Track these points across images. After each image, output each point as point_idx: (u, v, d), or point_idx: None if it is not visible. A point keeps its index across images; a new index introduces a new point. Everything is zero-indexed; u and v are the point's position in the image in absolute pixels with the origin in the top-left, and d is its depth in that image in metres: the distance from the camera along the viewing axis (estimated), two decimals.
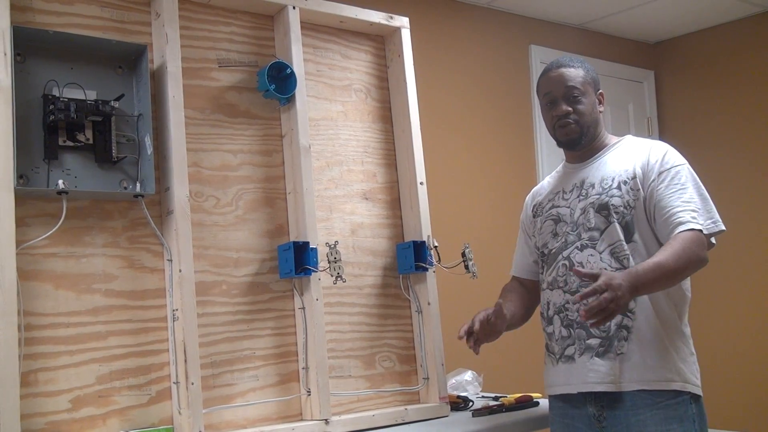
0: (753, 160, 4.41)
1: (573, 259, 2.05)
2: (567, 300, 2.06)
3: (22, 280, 1.84)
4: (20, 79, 1.89)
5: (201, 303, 2.08)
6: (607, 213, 2.02)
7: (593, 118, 2.13)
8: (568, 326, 2.06)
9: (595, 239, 2.02)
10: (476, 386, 2.76)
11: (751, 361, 4.31)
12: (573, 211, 2.09)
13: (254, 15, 2.35)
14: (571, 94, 2.11)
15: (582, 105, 2.11)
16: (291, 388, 2.22)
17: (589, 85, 2.13)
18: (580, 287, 2.01)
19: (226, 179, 2.22)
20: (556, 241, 2.11)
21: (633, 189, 2.01)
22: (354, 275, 2.39)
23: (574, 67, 2.14)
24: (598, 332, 1.99)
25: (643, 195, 2.00)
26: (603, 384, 1.98)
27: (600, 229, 2.02)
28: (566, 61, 2.16)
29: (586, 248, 2.04)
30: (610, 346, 1.98)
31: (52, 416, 1.85)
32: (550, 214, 2.17)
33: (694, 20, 4.46)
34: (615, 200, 2.01)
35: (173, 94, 2.05)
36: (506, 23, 4.10)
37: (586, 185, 2.10)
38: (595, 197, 2.05)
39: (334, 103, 2.47)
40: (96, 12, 2.06)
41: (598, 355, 1.99)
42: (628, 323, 1.97)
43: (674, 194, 1.97)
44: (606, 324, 1.93)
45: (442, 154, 3.67)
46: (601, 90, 2.17)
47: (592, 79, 2.15)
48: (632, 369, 1.95)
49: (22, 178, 1.86)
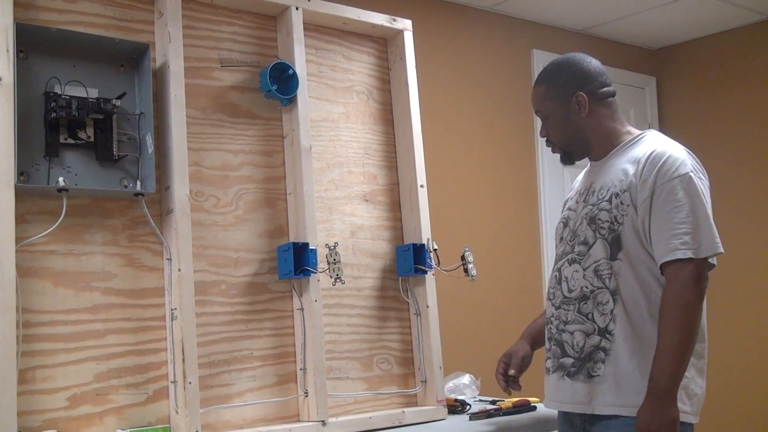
0: (755, 167, 4.41)
1: (562, 273, 2.00)
2: (552, 313, 2.02)
3: (22, 277, 1.84)
4: (22, 76, 1.89)
5: (200, 302, 2.08)
6: (595, 227, 1.93)
7: (572, 132, 2.01)
8: (549, 339, 2.03)
9: (582, 254, 1.95)
10: (474, 390, 2.76)
11: (758, 369, 4.30)
12: (576, 218, 2.01)
13: (257, 15, 2.35)
14: (540, 117, 2.05)
15: (551, 126, 2.03)
16: (289, 388, 2.22)
17: (553, 100, 2.01)
18: (562, 305, 1.97)
19: (226, 179, 2.22)
20: (559, 247, 2.07)
21: (623, 203, 1.89)
22: (353, 277, 2.39)
23: (538, 83, 2.05)
24: (572, 352, 1.93)
25: (634, 211, 1.87)
26: (574, 404, 1.92)
27: (588, 243, 1.94)
28: (537, 78, 2.08)
29: (573, 263, 1.97)
30: (581, 368, 1.91)
31: (50, 414, 1.85)
32: (563, 216, 2.09)
33: (696, 27, 4.47)
34: (603, 214, 1.92)
35: (175, 93, 2.06)
36: (509, 27, 4.10)
37: (591, 190, 2.01)
38: (590, 208, 1.96)
39: (335, 105, 2.47)
40: (99, 10, 2.06)
41: (569, 375, 1.93)
42: (605, 345, 1.88)
43: (667, 215, 1.83)
44: (580, 344, 1.91)
45: (443, 156, 3.67)
46: (580, 92, 1.99)
47: (560, 88, 2.01)
48: (606, 392, 1.86)
49: (22, 175, 1.86)
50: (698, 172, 1.89)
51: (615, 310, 1.88)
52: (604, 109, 2.02)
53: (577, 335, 1.93)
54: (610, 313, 1.88)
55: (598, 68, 2.05)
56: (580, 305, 1.93)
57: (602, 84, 2.03)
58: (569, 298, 1.96)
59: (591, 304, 1.91)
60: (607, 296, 1.89)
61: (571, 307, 1.95)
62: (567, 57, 2.09)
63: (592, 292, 1.92)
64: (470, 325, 3.66)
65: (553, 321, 2.01)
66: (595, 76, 2.03)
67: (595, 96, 2.01)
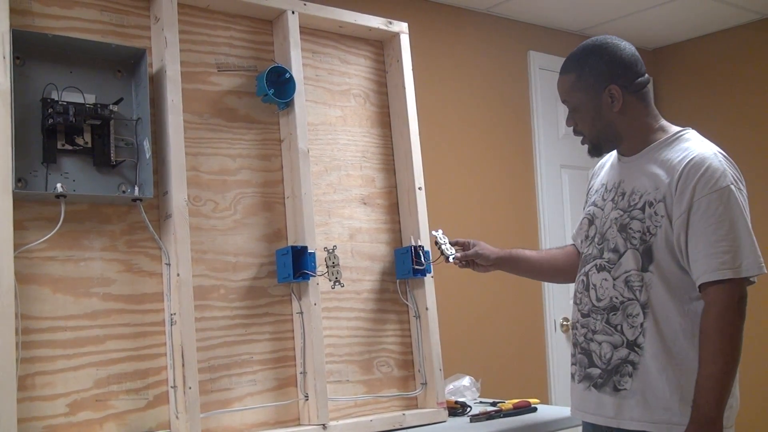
0: (753, 166, 4.40)
1: (590, 279, 1.93)
2: (578, 319, 1.97)
3: (20, 283, 1.84)
4: (19, 83, 1.89)
5: (199, 307, 2.08)
6: (626, 236, 1.85)
7: (602, 126, 1.90)
8: (574, 345, 1.99)
9: (612, 262, 1.87)
10: (474, 392, 2.76)
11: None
12: (605, 219, 1.92)
13: (253, 19, 2.35)
14: (567, 106, 1.94)
15: (580, 119, 1.92)
16: (289, 392, 2.21)
17: (583, 92, 1.89)
18: (591, 313, 1.92)
19: (224, 183, 2.22)
20: (585, 245, 1.99)
21: (657, 214, 1.80)
22: (352, 280, 2.39)
23: (567, 71, 1.92)
24: (599, 362, 1.88)
25: (668, 223, 1.78)
26: (599, 417, 1.88)
27: (619, 252, 1.86)
28: (564, 64, 1.94)
29: (602, 270, 1.89)
30: (608, 380, 1.86)
31: (50, 420, 1.85)
32: (588, 212, 2.01)
33: (693, 27, 4.47)
34: (635, 224, 1.83)
35: (172, 98, 2.06)
36: (505, 29, 4.10)
37: (621, 191, 1.90)
38: (620, 213, 1.87)
39: (332, 108, 2.47)
40: (95, 16, 2.06)
41: (596, 386, 1.89)
42: (634, 358, 1.82)
43: (705, 231, 1.73)
44: (607, 355, 1.86)
45: (441, 159, 3.67)
46: (613, 84, 1.86)
47: (591, 79, 1.88)
48: (634, 407, 1.81)
49: (20, 182, 1.86)
50: (738, 183, 1.80)
51: (645, 324, 1.82)
52: (637, 102, 1.89)
53: (605, 346, 1.88)
54: (640, 326, 1.82)
55: (632, 56, 1.89)
56: (609, 316, 1.88)
57: (637, 74, 1.89)
58: (598, 308, 1.90)
59: (620, 315, 1.86)
60: (638, 308, 1.83)
61: (599, 317, 1.90)
62: (599, 42, 1.92)
63: (622, 303, 1.86)
64: (470, 327, 3.66)
65: (579, 328, 1.96)
66: (630, 66, 1.88)
67: (629, 88, 1.88)
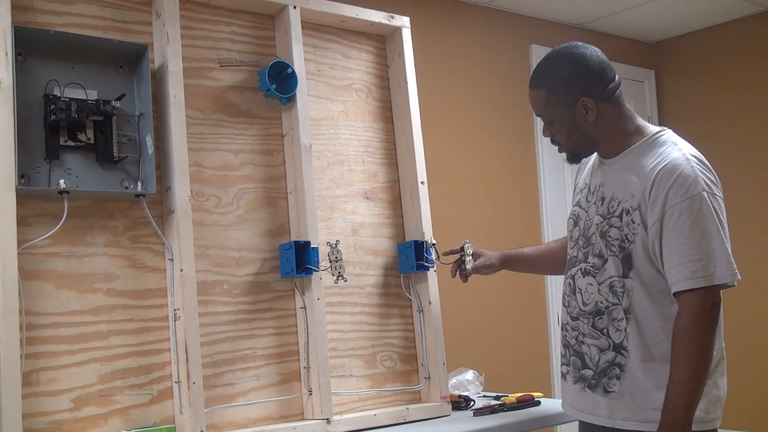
0: (754, 159, 4.41)
1: (576, 283, 1.98)
2: (567, 321, 2.01)
3: (24, 279, 1.84)
4: (21, 79, 1.89)
5: (202, 302, 2.08)
6: (606, 243, 1.89)
7: (579, 136, 1.93)
8: (566, 346, 2.02)
9: (597, 267, 1.91)
10: (477, 386, 2.76)
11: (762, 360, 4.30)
12: (589, 222, 1.96)
13: (255, 15, 2.35)
14: (542, 120, 1.97)
15: (556, 130, 1.95)
16: (292, 387, 2.22)
17: (556, 107, 1.90)
18: (579, 316, 1.96)
19: (227, 179, 2.22)
20: (570, 246, 2.04)
21: (633, 221, 1.83)
22: (355, 275, 2.39)
23: (536, 86, 1.92)
24: (591, 364, 1.92)
25: (644, 231, 1.82)
26: (594, 416, 1.93)
27: (603, 257, 1.90)
28: (532, 78, 1.94)
29: (588, 275, 1.94)
30: (599, 382, 1.91)
31: (54, 416, 1.86)
32: (573, 212, 2.05)
33: (695, 20, 4.46)
34: (613, 231, 1.87)
35: (174, 94, 2.06)
36: (507, 23, 4.10)
37: (601, 194, 1.94)
38: (600, 219, 1.91)
39: (334, 103, 2.47)
40: (97, 12, 2.06)
41: (590, 387, 1.93)
42: (621, 361, 1.87)
43: (678, 240, 1.76)
44: (595, 358, 1.91)
45: (443, 153, 3.67)
46: (585, 97, 1.87)
47: (562, 94, 1.88)
48: (625, 408, 1.86)
49: (23, 178, 1.86)
50: (711, 188, 1.79)
51: (628, 328, 1.86)
52: (611, 108, 1.91)
53: (593, 349, 1.93)
54: (624, 330, 1.87)
55: (599, 63, 1.90)
56: (594, 320, 1.92)
57: (607, 81, 1.90)
58: (584, 311, 1.95)
59: (606, 319, 1.90)
60: (621, 313, 1.87)
61: (586, 320, 1.94)
62: (563, 53, 1.92)
63: (607, 308, 1.90)
64: (473, 321, 3.66)
65: (570, 330, 2.00)
66: (599, 74, 1.89)
67: (602, 96, 1.89)
